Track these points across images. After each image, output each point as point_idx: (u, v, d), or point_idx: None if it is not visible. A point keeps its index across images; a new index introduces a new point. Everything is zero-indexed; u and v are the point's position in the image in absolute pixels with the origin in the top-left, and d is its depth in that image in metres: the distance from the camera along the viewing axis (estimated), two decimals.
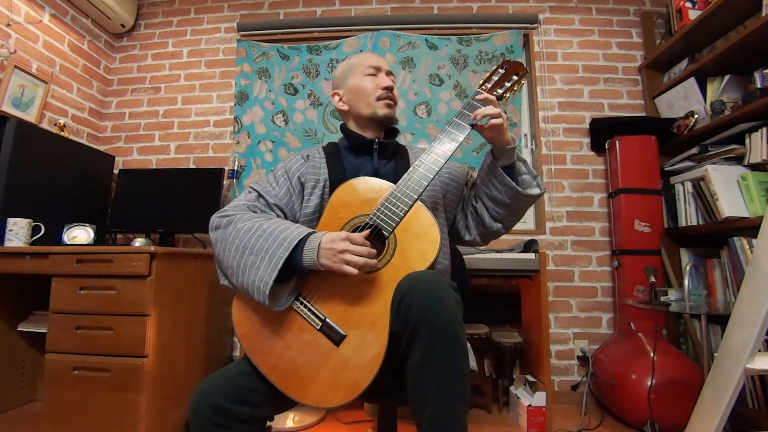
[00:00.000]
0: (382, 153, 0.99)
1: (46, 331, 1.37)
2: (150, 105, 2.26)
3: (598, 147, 2.02)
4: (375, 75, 1.00)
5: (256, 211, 0.89)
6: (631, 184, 1.81)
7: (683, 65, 1.90)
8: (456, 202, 1.00)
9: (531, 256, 1.57)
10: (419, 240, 0.79)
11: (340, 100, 1.03)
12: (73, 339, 1.35)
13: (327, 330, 0.77)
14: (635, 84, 2.09)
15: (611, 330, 1.92)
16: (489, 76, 0.92)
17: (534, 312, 1.68)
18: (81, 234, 1.65)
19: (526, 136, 2.14)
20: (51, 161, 1.70)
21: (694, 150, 1.70)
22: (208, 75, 2.25)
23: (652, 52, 2.02)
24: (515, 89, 0.90)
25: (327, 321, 0.77)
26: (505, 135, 0.86)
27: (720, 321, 1.54)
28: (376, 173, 0.95)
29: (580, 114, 2.08)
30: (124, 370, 1.31)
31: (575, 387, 1.88)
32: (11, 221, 1.48)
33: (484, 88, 0.90)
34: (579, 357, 1.91)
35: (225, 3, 2.29)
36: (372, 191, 0.86)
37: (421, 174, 0.82)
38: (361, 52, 1.00)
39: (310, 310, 0.79)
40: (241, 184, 2.08)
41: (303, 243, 0.77)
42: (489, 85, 0.90)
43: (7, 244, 1.47)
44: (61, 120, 1.91)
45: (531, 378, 1.63)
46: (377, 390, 0.80)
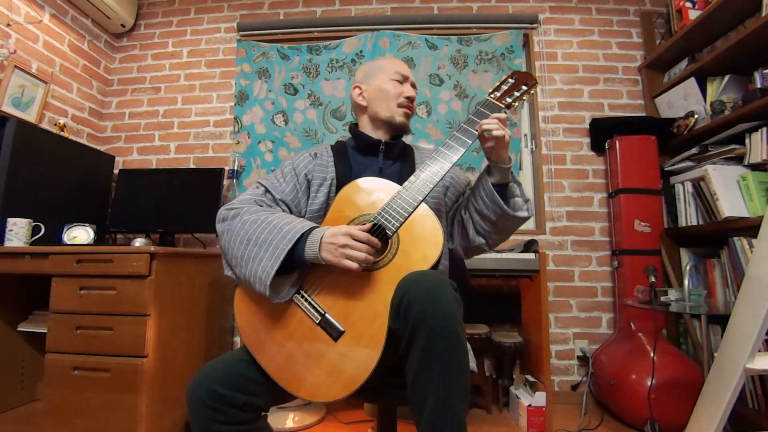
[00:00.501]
0: (387, 153, 1.00)
1: (46, 331, 1.37)
2: (150, 105, 2.26)
3: (598, 147, 2.02)
4: (401, 83, 1.01)
5: (262, 206, 0.91)
6: (631, 184, 1.81)
7: (683, 65, 1.90)
8: (449, 207, 1.01)
9: (531, 256, 1.57)
10: (422, 242, 0.80)
11: (360, 94, 1.04)
12: (73, 339, 1.35)
13: (326, 325, 0.77)
14: (635, 84, 2.09)
15: (611, 330, 1.92)
16: (499, 85, 0.93)
17: (534, 312, 1.68)
18: (81, 234, 1.65)
19: (526, 136, 2.14)
20: (51, 161, 1.70)
21: (694, 150, 1.70)
22: (208, 75, 2.25)
23: (652, 52, 2.02)
24: (524, 99, 0.92)
25: (326, 316, 0.78)
26: (503, 152, 0.87)
27: (720, 321, 1.54)
28: (381, 173, 0.96)
29: (580, 114, 2.08)
30: (124, 370, 1.31)
31: (575, 387, 1.89)
32: (11, 221, 1.48)
33: (493, 96, 0.92)
34: (579, 357, 1.91)
35: (225, 3, 2.29)
36: (378, 191, 0.87)
37: (428, 177, 0.83)
38: (393, 57, 1.03)
39: (310, 304, 0.80)
40: (241, 184, 2.08)
41: (306, 236, 0.78)
42: (498, 94, 0.92)
43: (7, 244, 1.47)
44: (61, 120, 1.91)
45: (531, 378, 1.63)
46: (377, 390, 0.80)
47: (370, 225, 0.79)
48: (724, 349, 1.17)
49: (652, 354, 1.54)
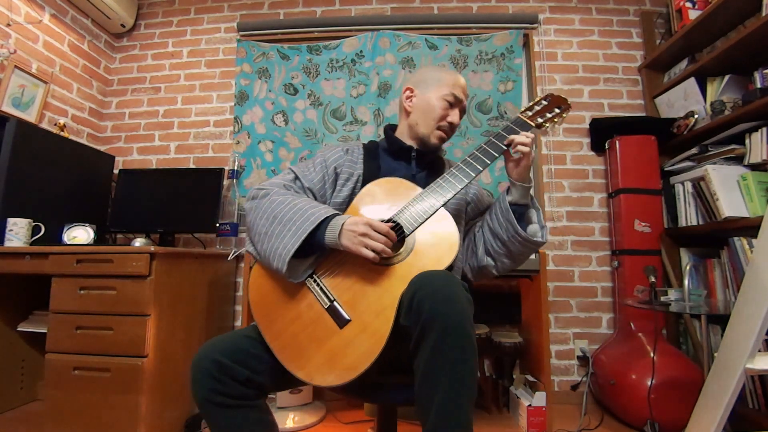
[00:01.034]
0: (419, 161, 1.02)
1: (46, 331, 1.37)
2: (150, 105, 2.26)
3: (598, 147, 2.02)
4: (451, 105, 1.01)
5: (290, 190, 0.94)
6: (631, 184, 1.81)
7: (683, 65, 1.90)
8: (466, 221, 1.03)
9: (531, 256, 1.57)
10: (438, 245, 0.82)
11: (409, 98, 1.05)
12: (73, 339, 1.35)
13: (333, 312, 0.79)
14: (635, 84, 2.09)
15: (611, 330, 1.92)
16: (531, 105, 0.95)
17: (534, 312, 1.68)
18: (81, 234, 1.65)
19: None
20: (51, 161, 1.70)
21: (694, 150, 1.70)
22: (208, 75, 2.25)
23: (652, 52, 2.02)
24: (555, 121, 0.93)
25: (335, 303, 0.80)
26: (525, 171, 0.89)
27: (720, 321, 1.54)
28: (412, 180, 0.98)
29: (580, 114, 2.08)
30: (124, 370, 1.31)
31: (575, 387, 1.88)
32: (11, 221, 1.48)
33: (525, 115, 0.93)
34: (579, 357, 1.91)
35: (225, 3, 2.29)
36: (401, 191, 0.90)
37: (451, 184, 0.85)
38: (455, 73, 1.04)
39: (321, 289, 0.82)
40: (241, 184, 2.08)
41: (328, 221, 0.81)
42: (530, 113, 0.94)
43: (7, 244, 1.46)
44: (61, 120, 1.91)
45: (531, 378, 1.63)
46: (377, 389, 0.80)
47: (390, 223, 0.81)
48: (724, 349, 1.17)
49: (652, 354, 1.54)
